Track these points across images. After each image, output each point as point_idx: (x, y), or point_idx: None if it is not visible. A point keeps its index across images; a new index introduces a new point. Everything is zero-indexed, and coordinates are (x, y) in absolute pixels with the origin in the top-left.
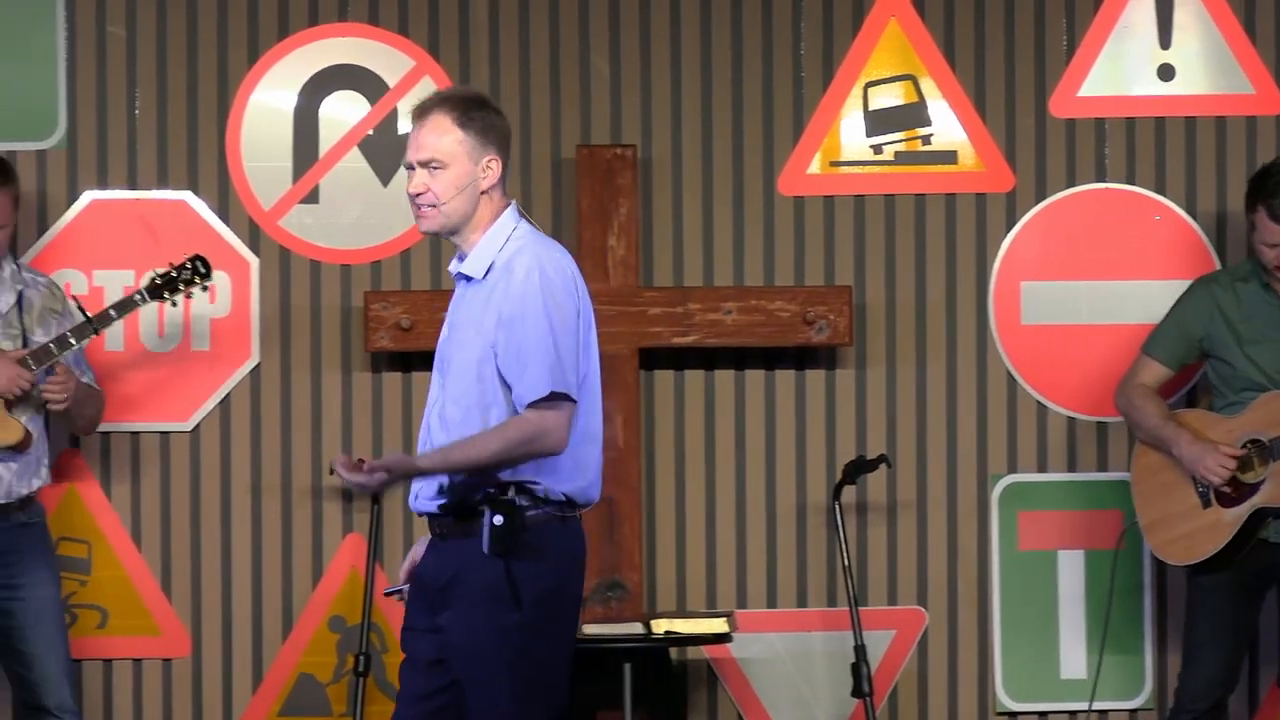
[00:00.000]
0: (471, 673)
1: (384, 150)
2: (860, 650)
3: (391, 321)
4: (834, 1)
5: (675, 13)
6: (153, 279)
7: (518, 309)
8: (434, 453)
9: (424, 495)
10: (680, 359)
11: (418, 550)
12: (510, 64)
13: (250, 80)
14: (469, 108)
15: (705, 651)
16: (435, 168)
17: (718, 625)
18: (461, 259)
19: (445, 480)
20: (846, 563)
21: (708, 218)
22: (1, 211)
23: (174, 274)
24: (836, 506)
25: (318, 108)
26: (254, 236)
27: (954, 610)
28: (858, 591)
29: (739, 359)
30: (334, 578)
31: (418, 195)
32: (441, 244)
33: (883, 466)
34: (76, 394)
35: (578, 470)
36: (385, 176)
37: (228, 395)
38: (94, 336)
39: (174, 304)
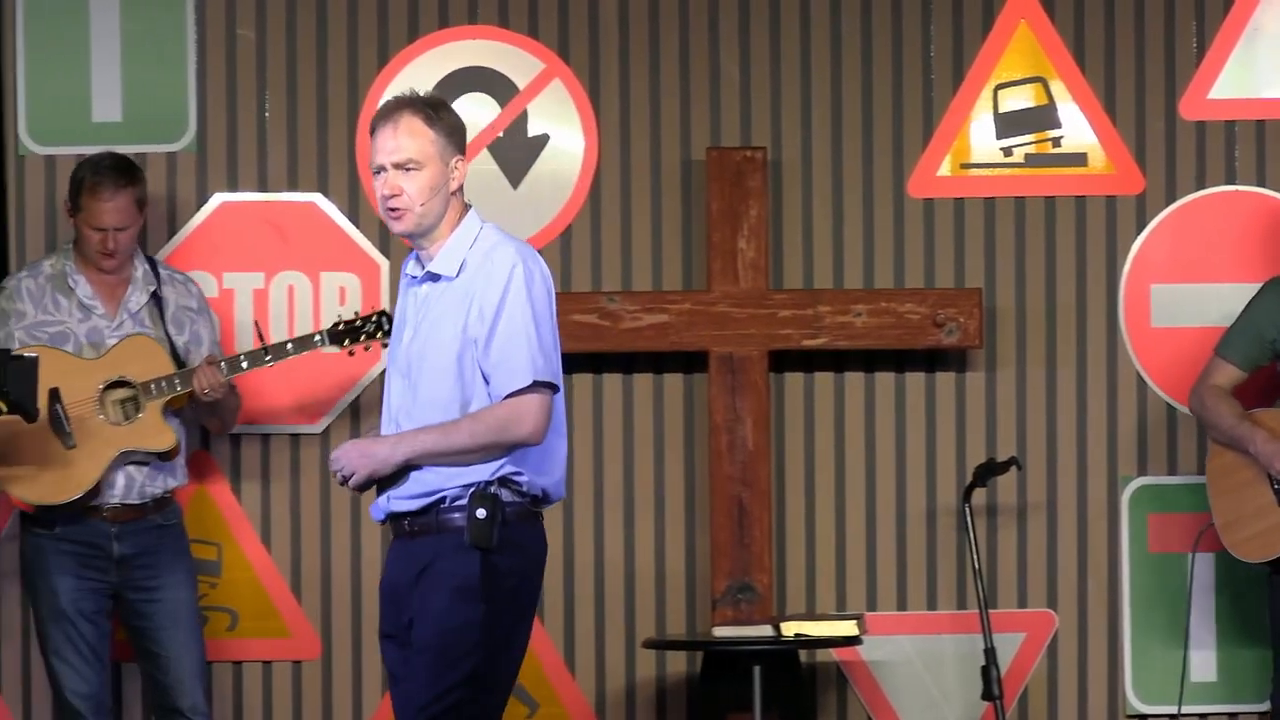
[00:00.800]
0: (428, 657)
1: (514, 152)
2: (990, 653)
3: None
4: (964, 3)
5: (805, 14)
6: (335, 324)
7: (499, 300)
8: (409, 438)
9: (398, 495)
10: (810, 361)
11: None
12: (640, 66)
13: (380, 82)
14: (437, 109)
15: (835, 654)
16: (411, 169)
17: (847, 628)
18: (419, 260)
19: (425, 477)
20: (977, 565)
21: (837, 220)
22: (125, 212)
23: (359, 324)
24: (966, 509)
25: None
26: (383, 238)
27: (1084, 613)
28: (988, 594)
29: (869, 361)
30: None
31: (392, 197)
32: (572, 246)
33: (1013, 469)
34: (220, 391)
35: (554, 464)
36: (515, 178)
37: (357, 398)
38: (267, 365)
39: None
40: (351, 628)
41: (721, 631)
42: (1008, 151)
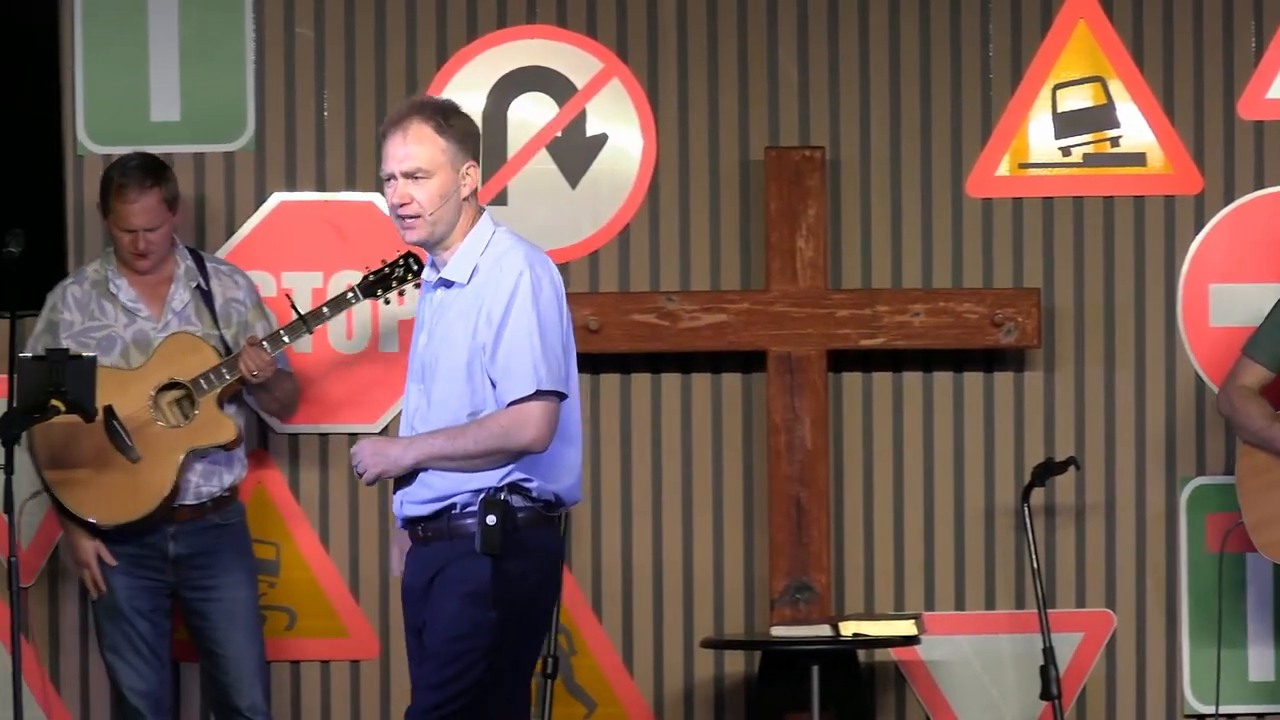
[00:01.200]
0: (438, 654)
1: (572, 152)
2: (1048, 653)
3: (579, 323)
4: (1022, 3)
5: (863, 14)
6: (365, 277)
7: (505, 307)
8: (420, 441)
9: (410, 500)
10: (868, 361)
11: (404, 538)
12: (699, 66)
13: (438, 82)
14: (447, 115)
15: (893, 654)
16: (420, 177)
17: (905, 627)
18: (434, 266)
19: (436, 482)
20: (1035, 565)
21: (896, 219)
22: (153, 212)
23: (387, 270)
24: (1025, 508)
25: (506, 109)
26: None
27: (1142, 613)
28: (1046, 594)
29: (926, 361)
30: None
31: (402, 205)
32: (631, 246)
33: (1071, 468)
34: (269, 370)
35: (566, 470)
36: (573, 178)
37: None
38: (308, 334)
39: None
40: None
41: (780, 631)
42: (1066, 151)
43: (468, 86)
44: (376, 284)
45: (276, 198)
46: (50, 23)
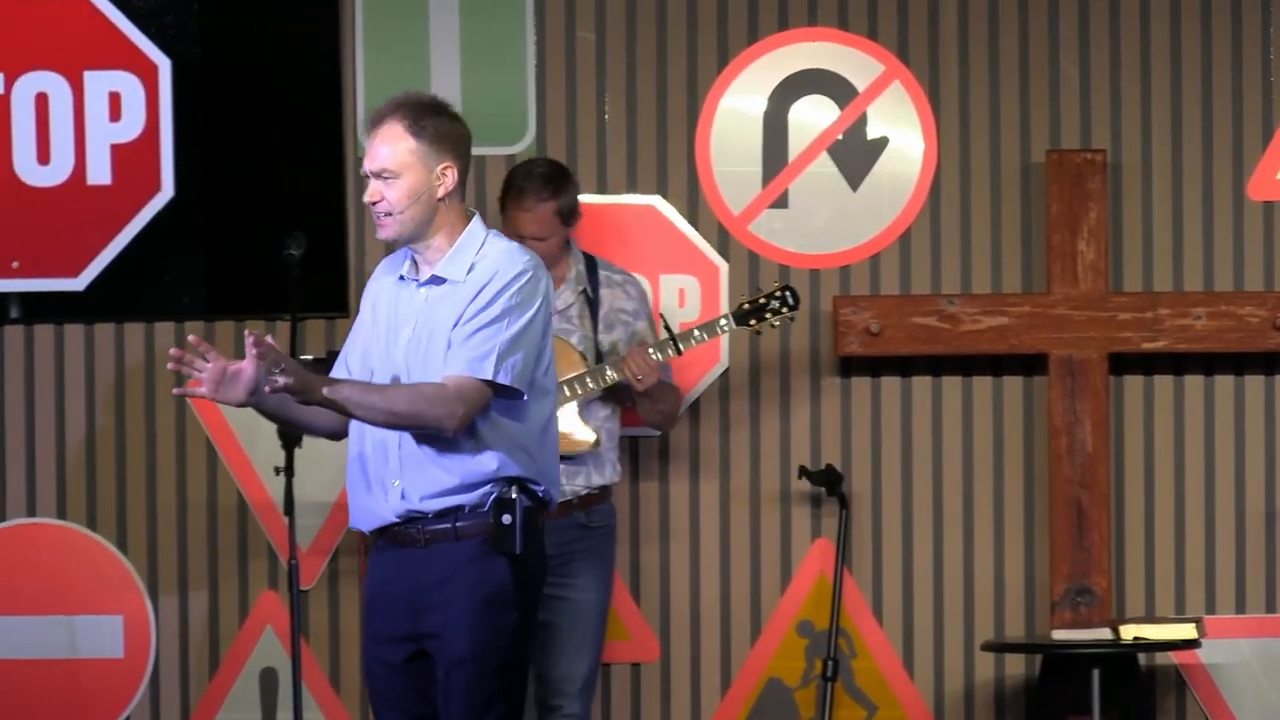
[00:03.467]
0: (466, 670)
1: (853, 155)
2: None
3: (861, 326)
4: None
5: (1144, 16)
6: (740, 305)
7: (498, 291)
8: (343, 385)
9: (417, 494)
10: (1149, 364)
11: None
12: (980, 68)
13: (719, 85)
14: (421, 115)
15: (1174, 657)
16: (388, 177)
17: (1186, 631)
18: (415, 262)
19: (444, 479)
20: None
21: (1177, 222)
22: (544, 223)
23: (764, 301)
24: None
25: (787, 112)
26: (723, 241)
27: None
28: None
29: (1208, 365)
30: (802, 583)
31: (374, 204)
32: (912, 249)
33: None
34: (654, 376)
35: (556, 468)
36: (855, 181)
37: (697, 400)
38: (675, 356)
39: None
40: (690, 630)
41: (1060, 634)
42: None
43: (748, 89)
44: (750, 314)
45: None
46: (331, 26)
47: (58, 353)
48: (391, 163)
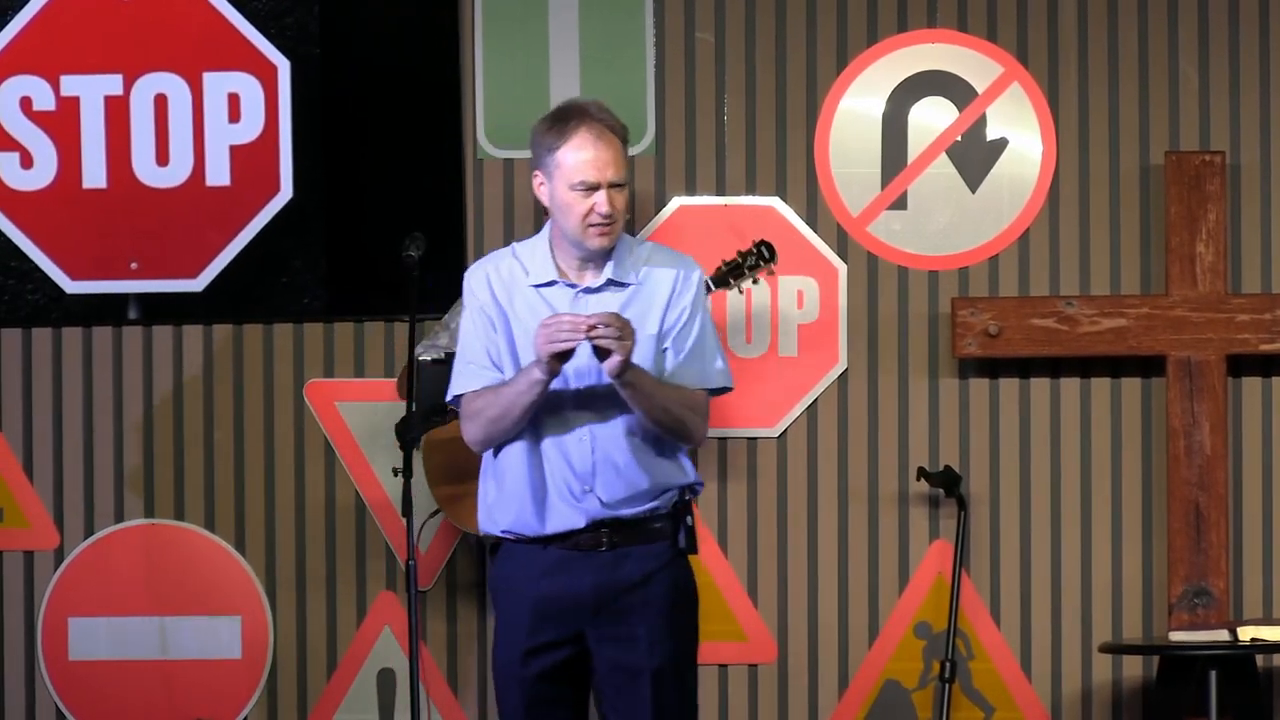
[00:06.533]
0: (670, 671)
1: (972, 156)
2: None
3: (979, 328)
4: None
5: (1264, 17)
6: (717, 268)
7: (692, 304)
8: (649, 379)
9: (614, 499)
10: (1268, 366)
11: None
12: (1099, 70)
13: (839, 86)
14: (625, 129)
15: None
16: (620, 187)
17: None
18: (555, 267)
19: (640, 481)
20: None
21: None
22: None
23: (740, 260)
24: None
25: (906, 114)
26: (841, 242)
27: None
28: None
29: None
30: (920, 584)
31: (610, 213)
32: (1031, 251)
33: None
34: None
35: None
36: (974, 183)
37: (815, 401)
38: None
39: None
40: (807, 631)
41: (1178, 636)
42: None
43: (868, 91)
44: (729, 273)
45: (676, 201)
46: (451, 27)
47: (176, 354)
48: (624, 172)
